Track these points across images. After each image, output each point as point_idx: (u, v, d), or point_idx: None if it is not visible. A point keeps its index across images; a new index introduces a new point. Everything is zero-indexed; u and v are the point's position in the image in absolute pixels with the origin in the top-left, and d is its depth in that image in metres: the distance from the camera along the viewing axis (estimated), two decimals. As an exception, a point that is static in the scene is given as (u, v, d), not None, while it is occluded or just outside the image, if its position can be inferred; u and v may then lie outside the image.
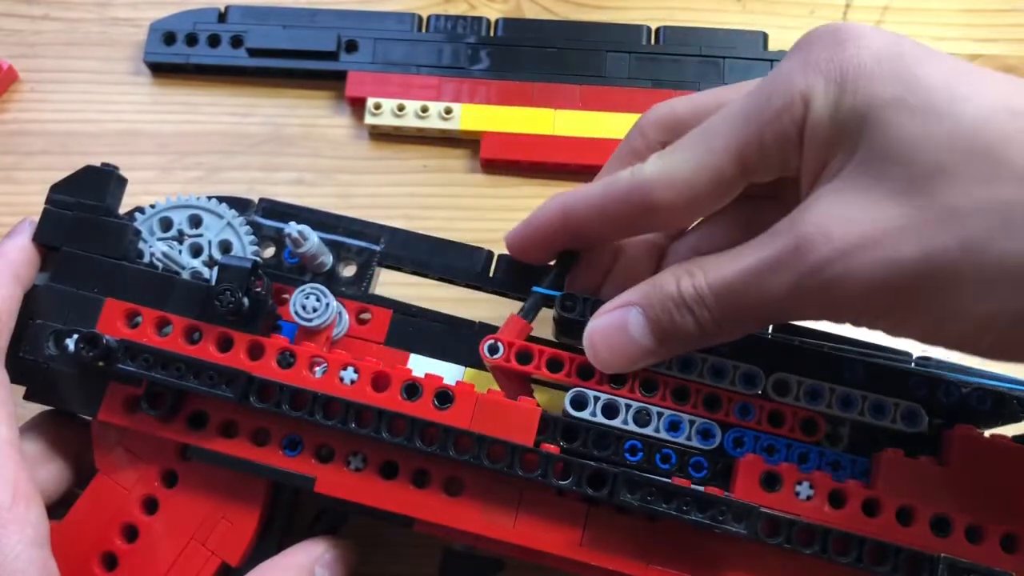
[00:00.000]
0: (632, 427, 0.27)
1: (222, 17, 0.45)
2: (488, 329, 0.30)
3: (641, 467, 0.27)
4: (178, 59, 0.44)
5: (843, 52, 0.22)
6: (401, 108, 0.43)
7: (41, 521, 0.26)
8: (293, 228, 0.29)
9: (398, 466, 0.27)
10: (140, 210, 0.31)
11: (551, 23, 0.46)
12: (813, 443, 0.28)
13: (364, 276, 0.31)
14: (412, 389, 0.27)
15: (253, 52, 0.44)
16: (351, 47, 0.44)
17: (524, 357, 0.28)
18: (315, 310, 0.29)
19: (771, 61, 0.44)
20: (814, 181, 0.23)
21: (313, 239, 0.29)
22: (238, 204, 0.32)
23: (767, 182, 0.25)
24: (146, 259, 0.30)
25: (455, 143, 0.43)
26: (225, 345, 0.28)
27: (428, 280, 0.31)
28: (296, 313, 0.29)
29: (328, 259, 0.30)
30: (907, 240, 0.20)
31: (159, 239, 0.31)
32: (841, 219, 0.21)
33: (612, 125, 0.42)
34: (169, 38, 0.44)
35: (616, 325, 0.26)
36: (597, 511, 0.27)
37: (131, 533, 0.28)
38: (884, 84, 0.21)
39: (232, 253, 0.30)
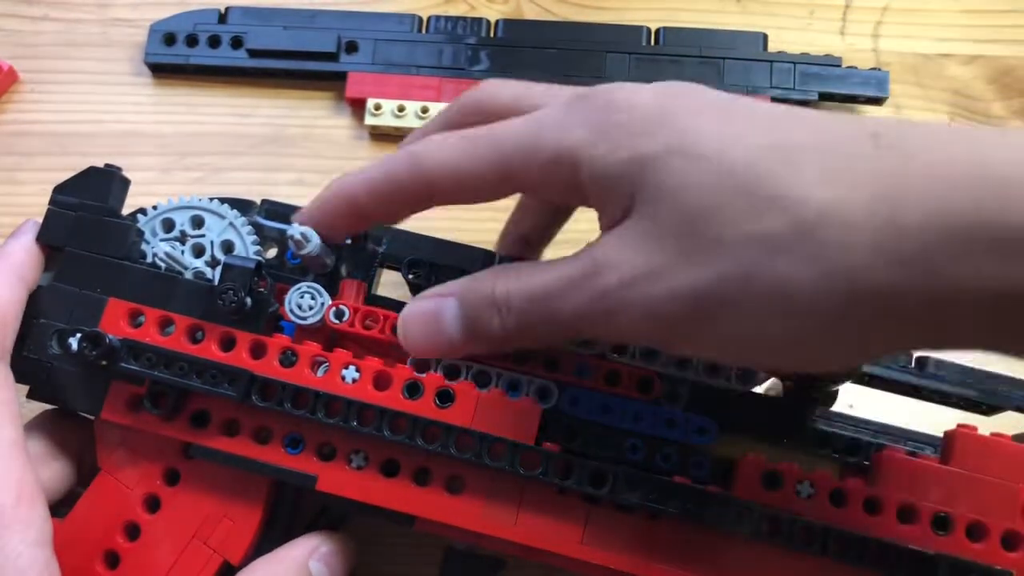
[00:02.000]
0: (475, 389, 0.28)
1: (222, 18, 0.45)
2: None
3: (641, 465, 0.27)
4: (178, 60, 0.44)
5: (614, 113, 0.24)
6: (401, 109, 0.43)
7: (44, 521, 0.26)
8: (296, 230, 0.29)
9: (399, 464, 0.27)
10: (143, 211, 0.31)
11: (551, 24, 0.46)
12: (650, 401, 0.28)
13: (366, 277, 0.31)
14: (413, 388, 0.28)
15: (253, 53, 0.44)
16: (351, 48, 0.44)
17: (370, 321, 0.29)
18: (310, 308, 0.29)
19: (770, 62, 0.44)
20: (608, 223, 0.24)
21: (315, 241, 0.29)
22: (241, 205, 0.32)
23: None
24: (149, 260, 0.30)
25: (455, 144, 0.43)
26: (228, 344, 0.28)
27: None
28: (292, 312, 0.29)
29: (330, 260, 0.30)
30: (682, 271, 0.22)
31: (161, 240, 0.31)
32: (628, 253, 0.23)
33: (612, 126, 0.42)
34: (169, 39, 0.44)
35: (432, 312, 0.27)
36: (598, 509, 0.27)
37: (133, 531, 0.28)
38: (654, 139, 0.23)
39: (234, 253, 0.30)
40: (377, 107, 0.43)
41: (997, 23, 0.46)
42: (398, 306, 0.30)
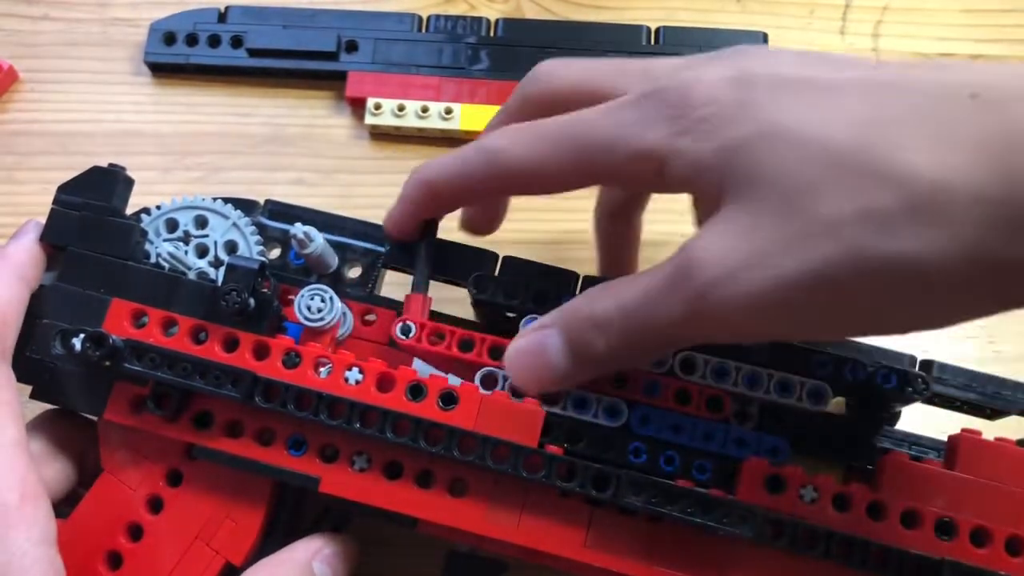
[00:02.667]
0: (543, 407, 0.27)
1: (222, 17, 0.45)
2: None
3: (644, 469, 0.27)
4: (178, 59, 0.44)
5: (692, 106, 0.23)
6: (401, 108, 0.43)
7: (48, 520, 0.26)
8: (299, 230, 0.29)
9: (402, 466, 0.27)
10: (146, 211, 0.31)
11: (551, 23, 0.46)
12: (720, 421, 0.28)
13: (369, 277, 0.31)
14: (417, 390, 0.27)
15: (253, 52, 0.44)
16: (351, 47, 0.44)
17: (436, 337, 0.29)
18: (320, 310, 0.29)
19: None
20: (701, 218, 0.24)
21: (319, 241, 0.29)
22: (244, 205, 0.32)
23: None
24: (152, 260, 0.30)
25: (456, 143, 0.43)
26: (231, 345, 0.28)
27: (434, 282, 0.31)
28: (301, 313, 0.29)
29: (334, 260, 0.30)
30: (789, 256, 0.21)
31: (165, 240, 0.31)
32: (725, 246, 0.22)
33: (612, 125, 0.43)
34: (169, 38, 0.44)
35: (535, 348, 0.26)
36: (601, 512, 0.27)
37: (136, 532, 0.28)
38: (742, 126, 0.22)
39: (238, 254, 0.30)
40: (377, 106, 0.43)
41: (997, 23, 0.46)
42: (396, 306, 0.30)
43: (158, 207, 0.31)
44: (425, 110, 0.43)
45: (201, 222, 0.31)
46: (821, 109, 0.22)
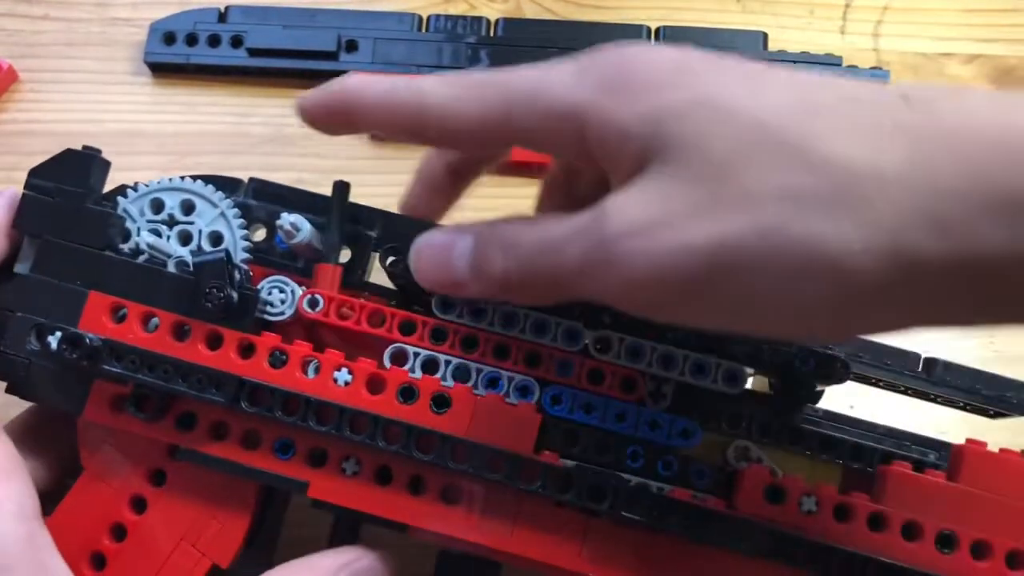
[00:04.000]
0: (450, 384, 0.27)
1: (222, 17, 0.45)
2: None
3: (641, 472, 0.27)
4: (178, 59, 0.44)
5: (629, 68, 0.23)
6: (401, 108, 0.43)
7: (25, 494, 0.25)
8: (286, 220, 0.28)
9: (393, 472, 0.27)
10: (129, 188, 0.30)
11: (551, 23, 0.46)
12: (633, 401, 0.27)
13: (360, 263, 0.30)
14: (408, 392, 0.27)
15: (253, 52, 0.44)
16: (351, 47, 0.44)
17: (348, 310, 0.28)
18: (281, 303, 0.28)
19: (771, 61, 0.44)
20: (620, 181, 0.23)
21: (306, 229, 0.28)
22: (228, 184, 0.30)
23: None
24: (133, 240, 0.29)
25: (455, 143, 0.43)
26: (214, 342, 0.27)
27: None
28: (261, 311, 0.28)
29: (322, 246, 0.29)
30: (700, 223, 0.20)
31: (149, 221, 0.29)
32: (639, 203, 0.21)
33: (612, 125, 0.43)
34: (169, 38, 0.44)
35: (443, 245, 0.26)
36: (597, 521, 0.27)
37: (120, 532, 0.28)
38: (676, 91, 0.22)
39: (223, 246, 0.29)
40: (377, 106, 0.43)
41: (997, 22, 0.46)
42: (389, 293, 0.29)
43: (145, 184, 0.30)
44: (425, 110, 0.43)
45: (188, 207, 0.30)
46: (755, 89, 0.21)
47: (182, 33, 0.44)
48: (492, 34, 0.45)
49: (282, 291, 0.28)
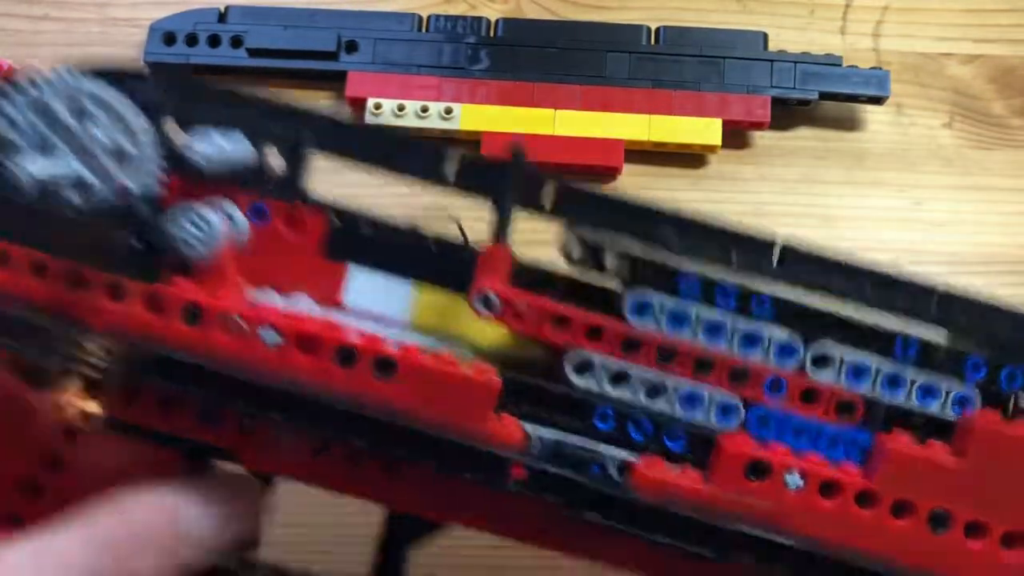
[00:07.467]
0: (642, 400, 0.23)
1: (222, 17, 0.45)
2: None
3: (612, 437, 0.24)
4: (178, 59, 0.44)
5: None
6: (401, 108, 0.43)
7: None
8: (197, 154, 0.22)
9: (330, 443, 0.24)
10: (10, 84, 0.22)
11: (551, 23, 0.46)
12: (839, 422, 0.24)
13: (296, 171, 0.26)
14: (347, 355, 0.22)
15: (253, 52, 0.44)
16: (351, 47, 0.44)
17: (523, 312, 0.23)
18: (198, 239, 0.22)
19: (771, 61, 0.44)
20: None
21: (225, 151, 0.23)
22: (124, 78, 0.23)
23: None
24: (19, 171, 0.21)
25: (455, 143, 0.43)
26: (117, 293, 0.22)
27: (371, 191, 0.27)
28: (182, 250, 0.22)
29: (255, 157, 0.24)
30: None
31: (39, 131, 0.22)
32: None
33: (612, 125, 0.43)
34: (169, 38, 0.44)
35: None
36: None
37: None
38: None
39: (130, 163, 0.22)
40: (377, 106, 0.43)
41: (997, 22, 0.46)
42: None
43: (32, 81, 0.22)
44: (425, 110, 0.43)
45: (80, 112, 0.22)
46: None
47: (182, 33, 0.44)
48: (492, 34, 0.45)
49: (197, 225, 0.22)
